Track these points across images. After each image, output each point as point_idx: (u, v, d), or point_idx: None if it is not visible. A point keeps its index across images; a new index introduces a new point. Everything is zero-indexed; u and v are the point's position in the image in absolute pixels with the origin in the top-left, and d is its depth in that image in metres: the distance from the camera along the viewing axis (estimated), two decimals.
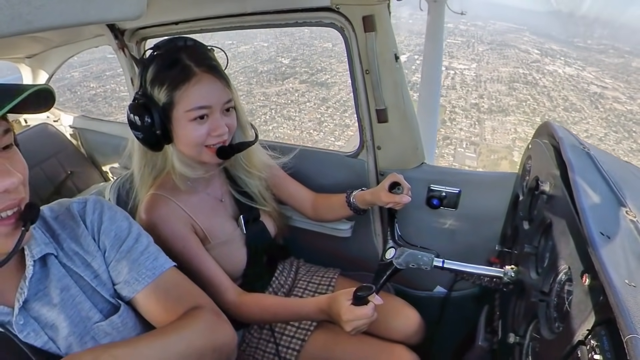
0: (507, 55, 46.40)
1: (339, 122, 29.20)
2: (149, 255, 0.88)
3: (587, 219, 0.65)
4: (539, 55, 44.19)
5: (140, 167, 1.19)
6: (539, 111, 31.95)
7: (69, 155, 2.53)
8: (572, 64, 42.79)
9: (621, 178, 0.91)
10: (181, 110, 1.05)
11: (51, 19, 0.48)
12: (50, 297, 0.77)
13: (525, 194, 1.16)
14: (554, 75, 38.10)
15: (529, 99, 34.04)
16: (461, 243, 1.54)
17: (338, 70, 34.32)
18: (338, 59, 37.32)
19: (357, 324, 0.99)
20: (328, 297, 1.06)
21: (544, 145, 1.10)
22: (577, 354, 0.56)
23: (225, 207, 1.30)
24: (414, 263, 1.10)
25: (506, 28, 63.15)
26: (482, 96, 32.92)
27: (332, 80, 35.44)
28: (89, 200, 0.89)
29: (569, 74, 38.48)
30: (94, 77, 28.81)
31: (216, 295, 1.13)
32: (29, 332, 0.74)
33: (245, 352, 1.31)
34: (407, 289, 1.69)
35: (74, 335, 0.79)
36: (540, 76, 36.41)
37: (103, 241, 0.86)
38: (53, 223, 0.84)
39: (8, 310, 0.73)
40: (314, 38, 41.30)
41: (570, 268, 0.69)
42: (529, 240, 0.98)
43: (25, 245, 0.76)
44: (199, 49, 1.11)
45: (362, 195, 1.34)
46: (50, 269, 0.79)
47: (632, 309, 0.47)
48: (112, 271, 0.86)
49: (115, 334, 0.83)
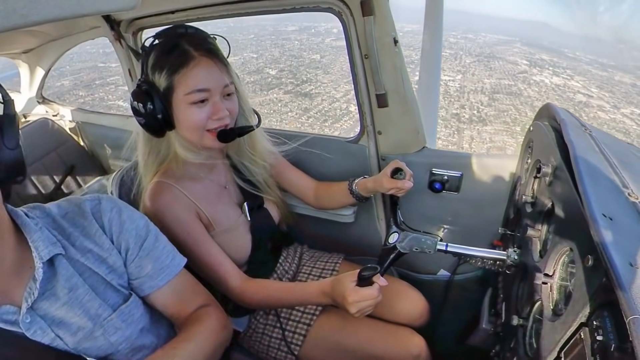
0: (492, 67, 47.20)
1: (318, 132, 30.49)
2: (168, 254, 0.94)
3: (589, 201, 0.65)
4: (528, 66, 45.00)
5: (145, 155, 1.19)
6: (519, 120, 32.96)
7: (69, 149, 2.53)
8: (561, 73, 43.61)
9: (623, 159, 0.91)
10: (181, 94, 1.06)
11: (46, 12, 0.47)
12: (57, 297, 0.78)
13: (527, 177, 1.15)
14: (540, 85, 39.12)
15: (511, 109, 35.12)
16: (464, 226, 1.55)
17: (323, 81, 35.19)
18: (324, 70, 38.33)
19: (362, 305, 0.96)
20: (332, 280, 1.05)
21: (545, 127, 1.09)
22: (580, 335, 0.56)
23: (230, 194, 1.30)
24: (418, 247, 1.10)
25: (496, 40, 64.23)
26: (463, 106, 33.92)
27: (316, 91, 36.37)
28: (103, 199, 0.89)
29: (556, 84, 39.40)
30: (84, 86, 28.96)
31: (221, 282, 1.15)
32: (36, 330, 0.75)
33: (252, 337, 1.33)
34: (411, 273, 1.71)
35: (83, 331, 0.80)
36: (526, 86, 37.26)
37: (125, 240, 0.87)
38: (62, 221, 0.83)
39: (14, 310, 0.73)
40: (303, 50, 42.13)
41: (572, 250, 0.69)
42: (532, 223, 0.98)
43: (33, 247, 0.75)
44: (199, 35, 1.11)
45: (364, 183, 1.35)
46: (57, 268, 0.79)
47: (635, 290, 0.48)
48: (134, 267, 0.88)
49: (125, 327, 0.85)
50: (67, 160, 2.47)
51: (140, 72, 1.11)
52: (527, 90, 35.86)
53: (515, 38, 53.14)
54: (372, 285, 0.97)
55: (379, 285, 0.97)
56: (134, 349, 0.87)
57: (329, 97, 29.99)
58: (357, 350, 1.25)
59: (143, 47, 1.11)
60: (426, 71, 4.47)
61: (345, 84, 35.70)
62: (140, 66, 1.11)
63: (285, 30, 47.04)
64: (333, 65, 39.89)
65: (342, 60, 41.97)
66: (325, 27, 53.04)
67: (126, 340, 0.85)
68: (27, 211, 0.81)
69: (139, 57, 1.66)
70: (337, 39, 48.89)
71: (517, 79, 42.59)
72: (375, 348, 1.24)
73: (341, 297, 0.98)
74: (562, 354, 0.60)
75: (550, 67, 44.77)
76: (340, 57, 42.21)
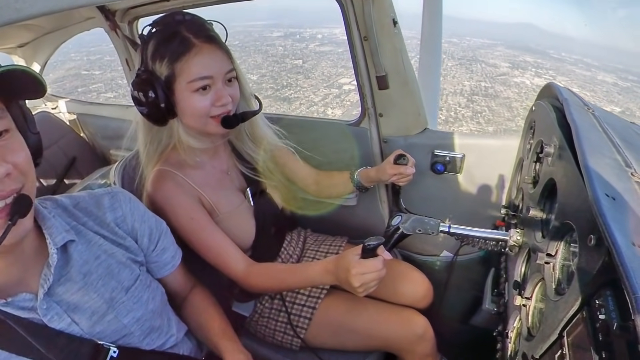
0: (474, 69, 47.72)
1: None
2: (173, 240, 1.05)
3: (592, 181, 0.65)
4: (509, 68, 45.46)
5: (146, 144, 1.19)
6: (493, 121, 33.89)
7: (70, 142, 2.53)
8: (543, 74, 44.09)
9: (626, 139, 0.90)
10: (183, 82, 1.05)
11: (40, 5, 0.47)
12: (73, 282, 0.80)
13: (529, 157, 1.15)
14: (520, 86, 39.55)
15: (485, 110, 35.94)
16: (466, 208, 1.55)
17: (303, 86, 35.82)
18: (305, 75, 39.12)
19: (366, 278, 0.93)
20: (335, 257, 1.03)
21: (548, 107, 1.08)
22: (583, 314, 0.57)
23: (232, 179, 1.31)
24: (421, 228, 1.10)
25: (480, 44, 65.00)
26: (441, 108, 35.09)
27: (295, 95, 37.04)
28: (119, 191, 0.94)
29: (538, 85, 39.95)
30: (66, 93, 29.44)
31: (226, 266, 1.16)
32: (52, 315, 0.77)
33: (258, 322, 1.35)
34: (414, 255, 1.72)
35: (97, 315, 0.82)
36: (505, 88, 37.71)
37: (148, 227, 0.95)
38: (74, 210, 0.86)
39: (31, 297, 0.75)
40: (286, 56, 42.78)
41: (575, 230, 0.69)
42: (534, 203, 0.98)
43: (47, 234, 0.77)
44: (197, 21, 1.10)
45: (366, 172, 1.35)
46: (72, 255, 0.81)
47: (637, 269, 0.48)
48: (157, 252, 0.98)
49: (136, 309, 0.87)
50: (68, 152, 2.47)
51: (140, 62, 1.09)
52: (505, 92, 36.63)
53: (498, 41, 53.55)
54: (376, 257, 0.94)
55: (383, 259, 0.94)
56: (145, 330, 0.89)
57: (307, 102, 30.73)
58: (362, 332, 1.27)
59: (141, 36, 1.10)
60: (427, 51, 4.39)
61: (324, 88, 36.14)
62: (140, 55, 1.09)
63: (271, 37, 47.16)
64: (314, 70, 40.53)
65: (323, 65, 42.38)
66: (310, 33, 53.07)
67: (137, 322, 0.87)
68: (40, 202, 0.82)
69: (135, 46, 1.64)
70: (321, 44, 48.76)
71: (495, 81, 43.47)
72: (379, 329, 1.26)
73: (345, 271, 0.95)
74: (564, 333, 0.61)
75: (533, 69, 45.43)
76: (322, 62, 42.50)
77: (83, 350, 0.78)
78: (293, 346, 1.30)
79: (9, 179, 0.64)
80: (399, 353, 1.29)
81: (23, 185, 0.67)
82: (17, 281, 0.75)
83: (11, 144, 0.66)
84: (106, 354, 0.81)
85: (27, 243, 0.76)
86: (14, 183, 0.66)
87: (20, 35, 2.20)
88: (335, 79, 38.56)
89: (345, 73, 40.45)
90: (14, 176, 0.66)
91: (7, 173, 0.63)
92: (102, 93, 31.88)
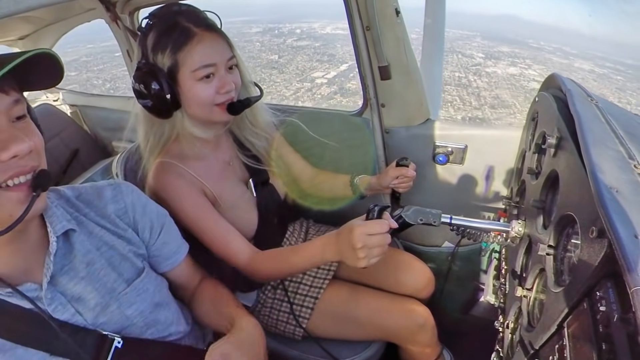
0: (449, 60, 47.81)
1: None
2: (177, 235, 1.04)
3: (594, 172, 0.64)
4: (483, 58, 45.45)
5: (147, 138, 1.19)
6: (462, 109, 34.17)
7: (72, 134, 2.53)
8: (519, 63, 44.01)
9: (630, 130, 0.89)
10: (187, 71, 1.05)
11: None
12: (76, 271, 0.81)
13: (532, 148, 1.14)
14: (491, 76, 39.74)
15: (456, 99, 36.16)
16: (468, 199, 1.55)
17: (276, 80, 36.19)
18: (280, 70, 39.56)
19: (371, 240, 0.86)
20: (337, 230, 0.98)
21: (551, 98, 1.07)
22: (584, 306, 0.57)
23: (234, 170, 1.31)
24: (423, 217, 1.10)
25: (458, 35, 65.03)
26: None
27: (267, 90, 37.15)
28: (122, 183, 0.94)
29: (511, 74, 40.04)
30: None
31: (230, 255, 1.15)
32: (57, 305, 0.77)
33: (261, 312, 1.36)
34: (415, 245, 1.73)
35: (100, 306, 0.82)
36: (476, 78, 37.66)
37: (149, 219, 0.95)
38: (76, 201, 0.87)
39: (36, 287, 0.76)
40: (263, 51, 43.14)
41: (577, 221, 0.69)
42: (536, 195, 0.98)
43: (48, 223, 0.78)
44: (194, 11, 1.10)
45: (367, 179, 1.36)
46: (74, 244, 0.82)
47: (639, 261, 0.48)
48: (158, 245, 0.97)
49: (140, 302, 0.88)
50: (70, 144, 2.47)
51: (139, 55, 1.09)
52: (476, 82, 36.52)
53: (476, 33, 53.33)
54: (381, 219, 0.89)
55: (389, 225, 0.89)
56: (147, 323, 0.90)
57: (278, 96, 31.13)
58: (364, 322, 1.28)
59: (139, 29, 1.10)
60: (429, 41, 4.35)
61: (297, 83, 36.12)
62: (139, 49, 1.09)
63: (249, 32, 47.04)
64: (289, 65, 40.83)
65: (298, 60, 42.47)
66: (289, 28, 52.85)
67: (141, 314, 0.88)
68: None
69: (136, 37, 1.63)
70: (298, 39, 48.44)
71: (469, 71, 43.56)
72: (381, 319, 1.27)
73: (347, 234, 0.89)
74: (565, 324, 0.61)
75: (508, 58, 45.39)
76: (297, 57, 42.47)
77: (88, 340, 0.79)
78: (295, 336, 1.31)
79: (29, 156, 0.69)
80: (400, 343, 1.31)
81: (39, 165, 0.72)
82: (22, 271, 0.76)
83: (29, 127, 0.72)
84: (111, 344, 0.82)
85: (31, 232, 0.77)
86: (33, 160, 0.70)
87: (21, 28, 2.19)
88: (308, 72, 38.65)
89: (319, 67, 40.42)
90: (34, 155, 0.70)
91: (30, 150, 0.68)
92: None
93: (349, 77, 28.70)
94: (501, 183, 1.48)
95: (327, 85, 34.42)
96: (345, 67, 37.48)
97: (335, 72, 37.97)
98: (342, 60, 38.90)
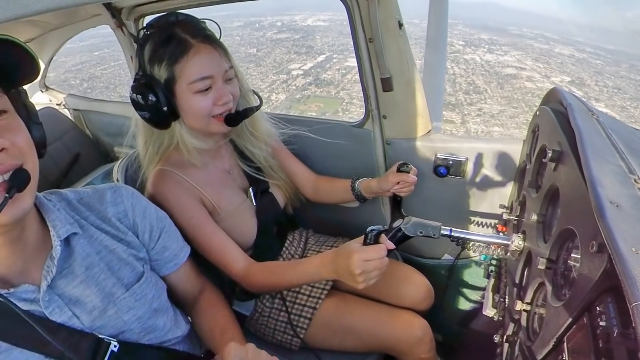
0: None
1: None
2: (179, 237, 1.04)
3: (595, 187, 0.64)
4: (462, 46, 45.97)
5: (147, 146, 1.20)
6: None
7: (74, 138, 2.54)
8: (496, 50, 44.58)
9: (630, 145, 0.89)
10: (184, 83, 1.05)
11: (47, 1, 0.47)
12: (75, 275, 0.80)
13: (532, 162, 1.15)
14: (469, 63, 40.08)
15: None
16: (468, 211, 1.55)
17: (253, 73, 36.73)
18: (257, 63, 39.54)
19: (369, 265, 0.90)
20: (334, 249, 1.00)
21: (552, 112, 1.08)
22: (583, 321, 0.57)
23: (234, 178, 1.31)
24: (422, 230, 1.10)
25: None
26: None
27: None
28: (122, 187, 0.94)
29: (486, 60, 40.35)
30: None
31: (226, 265, 1.16)
32: (54, 308, 0.77)
33: (258, 321, 1.35)
34: (415, 257, 1.72)
35: (98, 310, 0.82)
36: (454, 65, 38.13)
37: (149, 222, 0.95)
38: (77, 204, 0.87)
39: (33, 288, 0.75)
40: (242, 45, 43.58)
41: (577, 236, 0.69)
42: (536, 208, 0.97)
43: (51, 226, 0.78)
44: (192, 21, 1.10)
45: (367, 183, 1.36)
46: (74, 247, 0.81)
47: (639, 276, 0.48)
48: (158, 248, 0.97)
49: (138, 307, 0.87)
50: (72, 148, 2.48)
51: (137, 66, 1.09)
52: (454, 69, 36.58)
53: (458, 20, 53.68)
54: (379, 244, 0.92)
55: (386, 247, 0.92)
56: (145, 328, 0.89)
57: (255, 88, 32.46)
58: (362, 333, 1.27)
59: (137, 40, 1.10)
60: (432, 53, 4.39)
61: (273, 75, 36.38)
62: (137, 59, 1.09)
63: (230, 27, 47.50)
64: (266, 58, 41.17)
65: (276, 52, 42.79)
66: (270, 21, 53.37)
67: (138, 320, 0.88)
68: (45, 195, 0.84)
69: None
70: (278, 31, 48.96)
71: (448, 58, 43.33)
72: (379, 331, 1.26)
73: (345, 259, 0.92)
74: (564, 339, 0.61)
75: (486, 45, 45.48)
76: (275, 50, 42.72)
77: (84, 344, 0.79)
78: (292, 346, 1.30)
79: (5, 154, 0.66)
80: (399, 355, 1.29)
81: (22, 164, 0.68)
82: (19, 272, 0.76)
83: (9, 124, 0.68)
84: (107, 348, 0.81)
85: (30, 234, 0.76)
86: (11, 159, 0.67)
87: (27, 31, 2.22)
88: (285, 65, 38.50)
89: (297, 59, 40.20)
90: (12, 153, 0.67)
91: (3, 148, 0.65)
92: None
93: (325, 67, 28.49)
94: (501, 196, 1.47)
95: (302, 77, 34.29)
96: (322, 58, 37.49)
97: (312, 63, 37.76)
98: (320, 52, 38.77)
